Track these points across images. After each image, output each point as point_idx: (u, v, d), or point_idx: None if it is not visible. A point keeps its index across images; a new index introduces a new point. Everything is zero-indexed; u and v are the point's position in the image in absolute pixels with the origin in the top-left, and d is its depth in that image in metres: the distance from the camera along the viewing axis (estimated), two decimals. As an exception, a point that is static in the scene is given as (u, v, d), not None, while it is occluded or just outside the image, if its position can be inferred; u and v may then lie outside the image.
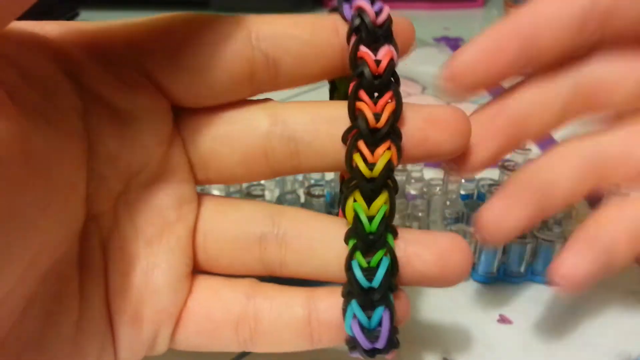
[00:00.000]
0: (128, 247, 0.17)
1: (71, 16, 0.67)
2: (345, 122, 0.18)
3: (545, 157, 0.21)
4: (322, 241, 0.18)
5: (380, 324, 0.17)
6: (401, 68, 0.17)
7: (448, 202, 0.28)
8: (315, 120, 0.18)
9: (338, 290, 0.18)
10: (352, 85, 0.17)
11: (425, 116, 0.18)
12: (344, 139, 0.17)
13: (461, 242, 0.18)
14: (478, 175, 0.29)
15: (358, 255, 0.17)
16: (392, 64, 0.17)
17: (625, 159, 0.20)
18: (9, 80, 0.14)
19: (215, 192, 0.34)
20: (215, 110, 0.18)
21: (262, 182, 0.32)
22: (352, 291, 0.17)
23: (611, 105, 0.20)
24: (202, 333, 0.18)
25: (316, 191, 0.28)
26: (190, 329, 0.18)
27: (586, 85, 0.20)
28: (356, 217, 0.17)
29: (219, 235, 0.19)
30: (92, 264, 0.17)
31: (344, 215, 0.18)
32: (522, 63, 0.19)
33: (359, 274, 0.17)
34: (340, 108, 0.18)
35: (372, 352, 0.17)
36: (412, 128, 0.17)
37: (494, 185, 0.29)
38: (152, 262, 0.18)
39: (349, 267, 0.17)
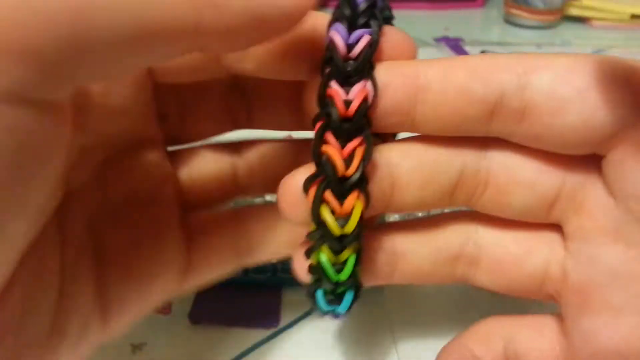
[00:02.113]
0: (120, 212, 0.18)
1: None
2: None
3: None
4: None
5: None
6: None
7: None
8: None
9: None
10: (318, 125, 0.15)
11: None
12: (306, 187, 0.15)
13: None
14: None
15: (322, 292, 0.17)
16: (363, 106, 0.15)
17: None
18: None
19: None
20: None
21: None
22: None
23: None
24: None
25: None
26: None
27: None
28: (322, 270, 0.16)
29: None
30: (74, 238, 0.17)
31: (308, 267, 0.17)
32: None
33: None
34: None
35: None
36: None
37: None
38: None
39: (315, 301, 0.17)
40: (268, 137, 0.21)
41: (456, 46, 0.63)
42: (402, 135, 0.18)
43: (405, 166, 0.16)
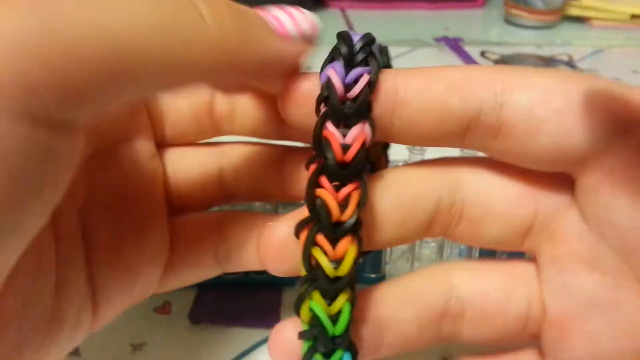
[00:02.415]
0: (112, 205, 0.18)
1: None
2: None
3: None
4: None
5: None
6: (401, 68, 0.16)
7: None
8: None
9: None
10: (312, 168, 0.15)
11: None
12: (297, 231, 0.15)
13: None
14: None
15: (317, 357, 0.15)
16: (362, 151, 0.14)
17: None
18: None
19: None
20: None
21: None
22: None
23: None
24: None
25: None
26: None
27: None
28: (316, 320, 0.15)
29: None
30: (67, 229, 0.17)
31: (298, 316, 0.16)
32: None
33: None
34: None
35: None
36: None
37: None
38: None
39: None
40: (253, 140, 0.21)
41: (456, 46, 0.63)
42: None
43: (384, 205, 0.16)
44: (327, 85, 0.14)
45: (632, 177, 0.14)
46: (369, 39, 0.15)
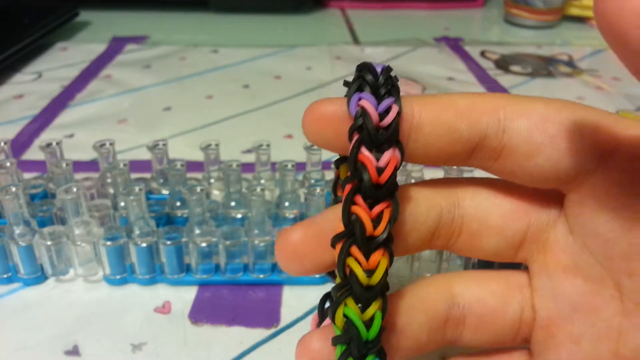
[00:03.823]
0: None
1: (71, 16, 0.67)
2: None
3: None
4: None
5: None
6: (401, 68, 0.16)
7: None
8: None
9: None
10: (348, 187, 0.16)
11: None
12: (333, 243, 0.16)
13: None
14: (477, 174, 0.29)
15: None
16: (394, 173, 0.16)
17: None
18: None
19: (216, 192, 0.34)
20: None
21: (262, 181, 0.32)
22: None
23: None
24: None
25: (316, 191, 0.28)
26: None
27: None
28: (350, 325, 0.16)
29: None
30: None
31: (332, 322, 0.16)
32: None
33: None
34: None
35: None
36: None
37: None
38: None
39: None
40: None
41: (456, 46, 0.63)
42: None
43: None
44: (363, 114, 0.16)
45: (613, 194, 0.16)
46: (390, 70, 0.17)
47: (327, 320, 0.18)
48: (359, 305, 0.16)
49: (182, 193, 0.30)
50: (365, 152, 0.16)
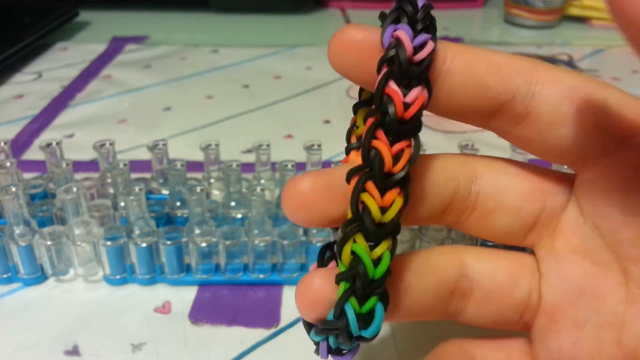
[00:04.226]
0: None
1: (71, 16, 0.67)
2: None
3: None
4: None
5: None
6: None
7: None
8: None
9: None
10: (370, 121, 0.15)
11: None
12: (349, 177, 0.16)
13: None
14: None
15: (352, 301, 0.16)
16: (420, 111, 0.15)
17: None
18: None
19: (216, 192, 0.34)
20: None
21: (262, 181, 0.32)
22: (344, 337, 0.16)
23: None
24: None
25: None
26: None
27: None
28: (357, 261, 0.15)
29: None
30: None
31: (338, 258, 0.16)
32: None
33: (353, 321, 0.15)
34: None
35: None
36: None
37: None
38: None
39: (341, 312, 0.16)
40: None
41: (456, 46, 0.63)
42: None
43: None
44: (397, 44, 0.15)
45: (628, 177, 0.16)
46: (431, 7, 0.16)
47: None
48: (369, 244, 0.15)
49: (182, 193, 0.30)
50: (393, 86, 0.15)
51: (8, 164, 0.29)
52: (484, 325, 0.19)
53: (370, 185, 0.15)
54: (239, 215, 0.30)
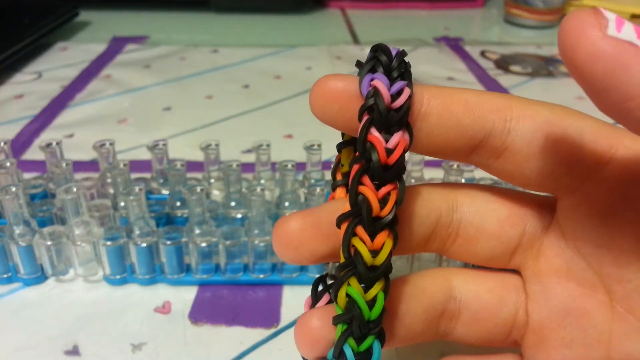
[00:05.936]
0: None
1: (71, 16, 0.67)
2: None
3: None
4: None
5: None
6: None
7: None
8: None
9: None
10: (356, 167, 0.16)
11: None
12: (339, 223, 0.16)
13: None
14: (477, 175, 0.29)
15: (351, 341, 0.16)
16: (403, 155, 0.16)
17: None
18: None
19: (216, 192, 0.34)
20: None
21: (262, 181, 0.32)
22: None
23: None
24: None
25: (316, 191, 0.28)
26: None
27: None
28: (353, 304, 0.16)
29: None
30: None
31: (334, 301, 0.16)
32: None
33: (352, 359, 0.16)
34: None
35: None
36: None
37: (494, 184, 0.29)
38: None
39: (340, 353, 0.16)
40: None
41: (456, 46, 0.63)
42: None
43: None
44: (375, 94, 0.16)
45: (605, 202, 0.16)
46: (405, 54, 0.16)
47: (321, 303, 0.18)
48: (362, 285, 0.16)
49: (182, 193, 0.30)
50: (375, 133, 0.16)
51: (8, 164, 0.29)
52: (473, 343, 0.20)
53: (360, 230, 0.16)
54: (239, 215, 0.30)
